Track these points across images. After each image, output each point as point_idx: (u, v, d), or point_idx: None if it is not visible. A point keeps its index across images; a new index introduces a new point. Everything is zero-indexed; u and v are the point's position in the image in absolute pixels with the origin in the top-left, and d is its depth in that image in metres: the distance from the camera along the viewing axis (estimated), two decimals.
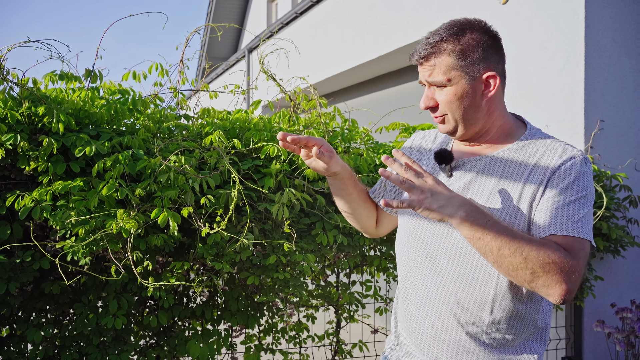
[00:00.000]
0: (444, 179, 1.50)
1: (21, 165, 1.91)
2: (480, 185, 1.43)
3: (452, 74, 1.36)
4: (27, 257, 1.96)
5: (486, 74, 1.37)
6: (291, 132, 2.57)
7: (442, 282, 1.44)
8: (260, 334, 2.66)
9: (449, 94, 1.38)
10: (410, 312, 1.52)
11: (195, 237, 2.17)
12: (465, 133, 1.44)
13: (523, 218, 1.36)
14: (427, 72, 1.39)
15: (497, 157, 1.43)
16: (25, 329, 2.12)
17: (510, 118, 1.49)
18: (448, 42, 1.36)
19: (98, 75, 2.17)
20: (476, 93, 1.38)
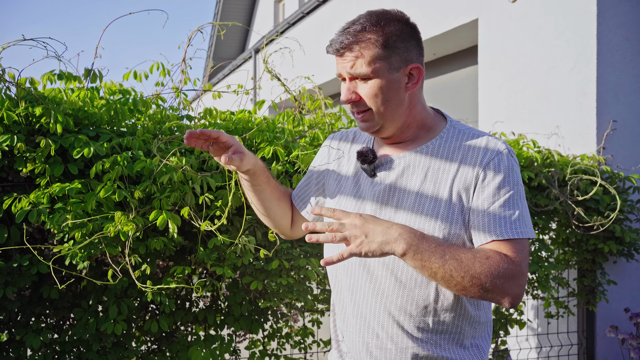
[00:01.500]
0: (368, 180, 1.43)
1: (18, 167, 1.87)
2: (406, 184, 1.37)
3: (377, 66, 1.29)
4: (24, 261, 1.91)
5: (410, 66, 1.32)
6: (296, 133, 2.52)
7: (379, 290, 1.37)
8: (264, 339, 2.60)
9: (373, 86, 1.31)
10: (349, 324, 1.45)
11: (197, 241, 2.11)
12: (388, 129, 1.37)
13: (455, 217, 1.31)
14: (349, 64, 1.31)
15: (421, 154, 1.38)
16: (24, 334, 2.07)
17: (430, 112, 1.44)
18: (371, 32, 1.29)
19: (98, 74, 2.13)
20: (400, 86, 1.33)
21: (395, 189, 1.38)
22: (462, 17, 4.79)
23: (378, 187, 1.40)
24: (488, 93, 4.48)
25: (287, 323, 2.62)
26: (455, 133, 1.39)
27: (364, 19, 1.31)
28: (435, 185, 1.34)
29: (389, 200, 1.38)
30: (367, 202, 1.41)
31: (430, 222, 1.31)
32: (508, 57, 4.24)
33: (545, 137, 3.76)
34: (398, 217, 1.35)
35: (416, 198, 1.34)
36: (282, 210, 1.63)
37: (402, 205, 1.36)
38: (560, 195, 2.93)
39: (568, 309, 3.23)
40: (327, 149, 1.61)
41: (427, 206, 1.33)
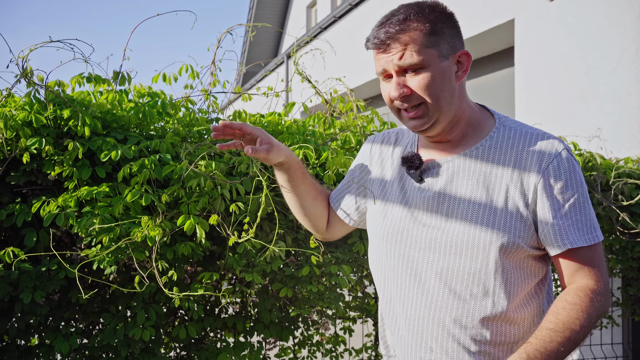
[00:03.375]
0: (415, 185, 1.35)
1: (47, 170, 1.85)
2: (457, 190, 1.29)
3: (427, 54, 1.22)
4: (53, 265, 1.90)
5: (458, 52, 1.26)
6: (327, 135, 2.47)
7: (432, 302, 1.30)
8: (295, 347, 2.54)
9: (425, 77, 1.23)
10: (402, 337, 1.37)
11: (225, 246, 2.07)
12: (440, 124, 1.29)
13: (513, 225, 1.24)
14: (397, 55, 1.22)
15: (470, 157, 1.30)
16: (53, 339, 2.06)
17: (476, 108, 1.36)
18: (416, 21, 1.22)
19: (126, 77, 2.11)
20: (451, 75, 1.26)
21: (445, 195, 1.31)
22: (497, 17, 4.68)
23: (426, 193, 1.33)
24: (525, 95, 4.35)
25: (318, 331, 2.56)
26: (506, 132, 1.31)
27: (404, 9, 1.24)
28: (488, 191, 1.27)
29: (439, 208, 1.31)
30: (416, 209, 1.34)
31: (487, 232, 1.25)
32: (546, 58, 4.11)
33: (586, 140, 3.62)
34: (450, 225, 1.28)
35: (469, 205, 1.28)
36: (318, 209, 1.57)
37: (454, 213, 1.29)
38: (603, 200, 2.81)
39: (612, 320, 3.09)
40: (369, 150, 1.54)
41: (481, 214, 1.26)
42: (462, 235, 1.27)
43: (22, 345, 2.10)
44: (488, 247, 1.24)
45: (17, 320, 2.01)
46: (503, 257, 1.25)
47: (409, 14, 1.23)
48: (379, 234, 1.41)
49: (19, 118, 1.82)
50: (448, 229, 1.28)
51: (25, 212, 1.85)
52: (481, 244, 1.25)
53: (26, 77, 1.77)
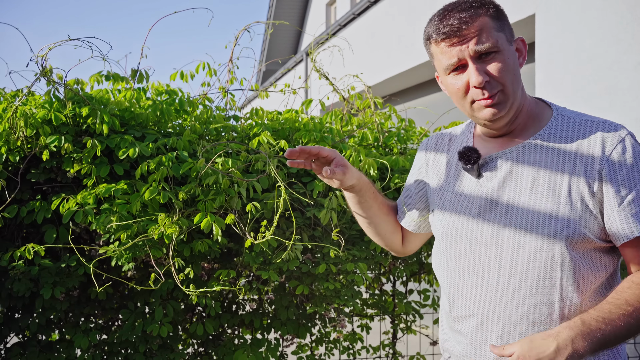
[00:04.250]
0: (473, 181, 1.33)
1: (66, 167, 1.88)
2: (517, 181, 1.26)
3: (499, 37, 1.20)
4: (72, 261, 1.92)
5: (517, 38, 1.26)
6: (344, 132, 2.46)
7: (498, 299, 1.27)
8: (312, 344, 2.55)
9: (501, 60, 1.21)
10: (466, 336, 1.34)
11: (242, 243, 2.08)
12: (511, 112, 1.26)
13: (577, 215, 1.20)
14: (473, 40, 1.19)
15: (530, 147, 1.27)
16: (73, 334, 2.08)
17: (532, 101, 1.34)
18: (482, 6, 1.21)
19: (144, 75, 2.12)
20: (517, 60, 1.25)
21: (505, 188, 1.28)
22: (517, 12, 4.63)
23: (485, 187, 1.31)
24: (546, 91, 4.30)
25: (335, 328, 2.55)
26: (564, 121, 1.28)
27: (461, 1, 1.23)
28: (550, 181, 1.23)
29: (498, 202, 1.28)
30: (475, 205, 1.32)
31: (551, 223, 1.21)
32: (567, 53, 4.05)
33: None
34: (511, 218, 1.26)
35: (530, 197, 1.24)
36: (391, 226, 1.56)
37: (515, 206, 1.26)
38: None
39: None
40: (424, 153, 1.52)
41: (544, 205, 1.22)
42: (524, 227, 1.24)
43: (42, 340, 2.13)
44: (552, 238, 1.21)
45: (37, 315, 2.04)
46: (570, 247, 1.21)
47: (471, 3, 1.21)
48: (439, 233, 1.40)
49: (38, 116, 1.84)
50: (509, 223, 1.26)
51: (45, 209, 1.88)
52: (545, 235, 1.22)
53: (46, 76, 1.79)
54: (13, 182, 1.87)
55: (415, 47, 6.04)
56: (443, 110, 3.44)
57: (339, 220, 2.12)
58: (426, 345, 3.07)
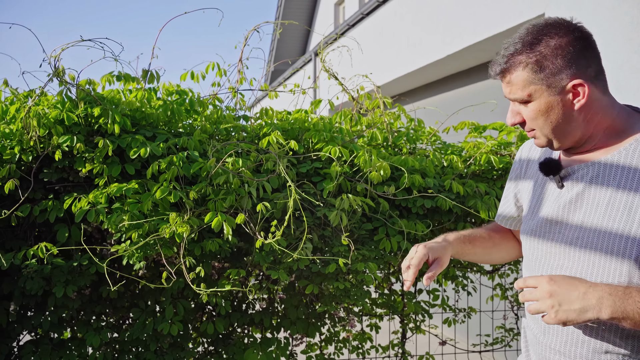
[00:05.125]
0: (555, 189, 1.36)
1: (78, 167, 1.89)
2: (595, 195, 1.27)
3: (532, 89, 1.24)
4: (84, 260, 1.93)
5: (571, 82, 1.22)
6: (354, 132, 2.46)
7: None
8: (321, 344, 2.55)
9: (533, 109, 1.26)
10: (536, 337, 1.40)
11: (252, 242, 2.08)
12: (562, 145, 1.31)
13: None
14: (507, 89, 1.28)
15: (612, 162, 1.26)
16: (85, 333, 2.10)
17: (622, 114, 1.30)
18: (522, 54, 1.23)
19: (155, 75, 2.14)
20: (564, 104, 1.24)
21: (583, 200, 1.29)
22: (527, 12, 4.61)
23: (564, 198, 1.33)
24: None
25: (344, 327, 2.56)
26: None
27: (518, 39, 1.25)
28: (629, 196, 1.22)
29: (575, 213, 1.30)
30: (554, 213, 1.35)
31: (622, 240, 1.21)
32: None
33: None
34: (585, 231, 1.27)
35: (605, 212, 1.24)
36: (504, 251, 1.65)
37: (590, 218, 1.27)
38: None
39: None
40: (519, 160, 1.57)
41: (617, 221, 1.22)
42: (596, 241, 1.25)
43: (55, 338, 2.15)
44: (622, 255, 1.21)
45: (50, 314, 2.06)
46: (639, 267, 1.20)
47: (518, 48, 1.24)
48: (522, 234, 1.46)
49: (51, 116, 1.86)
50: (583, 235, 1.27)
51: (58, 208, 1.89)
52: (614, 251, 1.22)
53: (58, 76, 1.80)
54: (26, 181, 1.89)
55: (424, 46, 6.03)
56: (452, 110, 3.44)
57: (348, 220, 2.12)
58: (435, 345, 3.07)
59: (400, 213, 2.25)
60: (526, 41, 1.23)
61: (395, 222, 2.17)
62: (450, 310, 2.73)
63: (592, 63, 1.25)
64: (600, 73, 1.27)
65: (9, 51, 13.92)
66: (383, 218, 2.18)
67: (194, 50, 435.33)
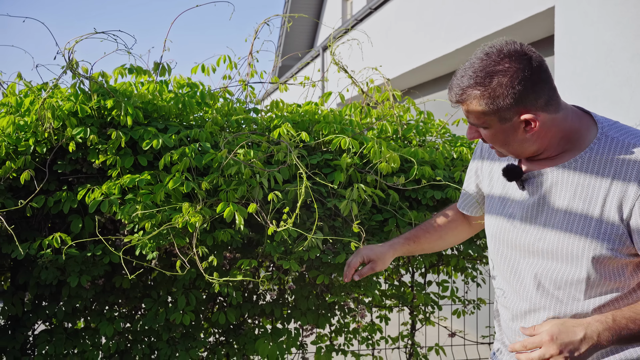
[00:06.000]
0: (517, 192, 1.45)
1: (91, 158, 1.91)
2: (554, 200, 1.35)
3: (485, 119, 1.31)
4: (97, 250, 1.96)
5: (522, 117, 1.28)
6: (363, 124, 2.47)
7: (530, 300, 1.41)
8: (331, 334, 2.57)
9: (488, 134, 1.35)
10: (507, 326, 1.52)
11: (264, 233, 2.10)
12: (520, 157, 1.41)
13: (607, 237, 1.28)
14: (465, 114, 1.36)
15: (569, 169, 1.34)
16: (98, 322, 2.13)
17: (574, 121, 1.36)
18: (475, 89, 1.28)
19: (166, 68, 2.15)
20: (517, 132, 1.32)
21: (544, 205, 1.37)
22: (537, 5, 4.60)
23: (526, 201, 1.41)
24: (566, 84, 4.27)
25: (354, 318, 2.58)
26: (607, 143, 1.31)
27: (471, 72, 1.29)
28: (584, 202, 1.30)
29: (537, 217, 1.39)
30: (516, 215, 1.44)
31: (580, 243, 1.30)
32: (587, 46, 4.02)
33: None
34: (546, 233, 1.36)
35: (564, 216, 1.33)
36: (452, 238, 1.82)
37: (551, 223, 1.36)
38: None
39: None
40: (480, 151, 1.65)
41: (575, 225, 1.31)
42: (556, 243, 1.34)
43: (69, 327, 2.18)
44: (580, 257, 1.30)
45: (64, 303, 2.09)
46: (597, 266, 1.29)
47: (471, 82, 1.28)
48: (487, 233, 1.57)
49: (65, 108, 1.88)
50: (544, 237, 1.36)
51: (72, 200, 1.92)
52: (574, 253, 1.31)
53: (72, 69, 1.82)
54: (41, 172, 1.91)
55: (432, 41, 6.02)
56: None
57: (359, 211, 2.13)
58: (444, 336, 3.08)
59: (410, 204, 2.26)
60: (479, 77, 1.27)
61: (405, 214, 2.18)
62: (460, 302, 2.75)
63: (542, 94, 1.28)
64: (550, 98, 1.29)
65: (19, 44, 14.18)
66: (393, 209, 2.20)
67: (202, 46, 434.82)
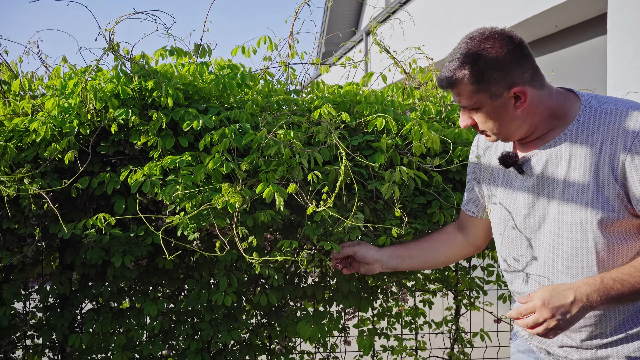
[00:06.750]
0: (517, 176, 1.51)
1: (133, 140, 1.93)
2: (552, 175, 1.42)
3: (477, 98, 1.38)
4: (140, 231, 1.98)
5: (512, 90, 1.36)
6: (406, 105, 2.42)
7: (546, 277, 1.46)
8: (374, 318, 2.55)
9: (481, 115, 1.41)
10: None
11: (304, 215, 2.09)
12: (512, 138, 1.46)
13: (604, 201, 1.34)
14: (456, 98, 1.43)
15: (560, 143, 1.41)
16: (143, 302, 2.16)
17: (560, 99, 1.44)
18: (464, 69, 1.36)
19: (207, 49, 2.15)
20: (508, 108, 1.39)
21: (543, 184, 1.44)
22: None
23: (527, 183, 1.48)
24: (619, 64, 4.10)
25: (397, 302, 2.54)
26: (592, 113, 1.39)
27: (458, 54, 1.37)
28: (579, 172, 1.37)
29: (540, 194, 1.45)
30: (520, 198, 1.50)
31: (582, 210, 1.36)
32: None
33: None
34: (550, 208, 1.42)
35: (563, 188, 1.40)
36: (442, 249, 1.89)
37: (552, 200, 1.43)
38: None
39: None
40: (476, 149, 1.72)
41: (574, 195, 1.37)
42: (560, 217, 1.40)
43: (114, 307, 2.22)
44: (585, 224, 1.36)
45: (109, 283, 2.13)
46: (604, 231, 1.35)
47: (459, 63, 1.36)
48: (493, 222, 1.63)
49: (107, 90, 1.90)
50: (548, 213, 1.43)
51: (115, 181, 1.94)
52: (578, 222, 1.37)
53: (113, 51, 1.84)
54: (84, 154, 1.94)
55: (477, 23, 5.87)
56: None
57: (401, 193, 2.09)
58: (490, 322, 3.01)
59: (453, 186, 2.20)
60: (467, 57, 1.35)
61: (449, 196, 2.13)
62: (506, 287, 2.67)
63: (527, 68, 1.37)
64: (535, 73, 1.39)
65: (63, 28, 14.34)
66: (436, 192, 2.15)
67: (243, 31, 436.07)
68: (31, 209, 1.86)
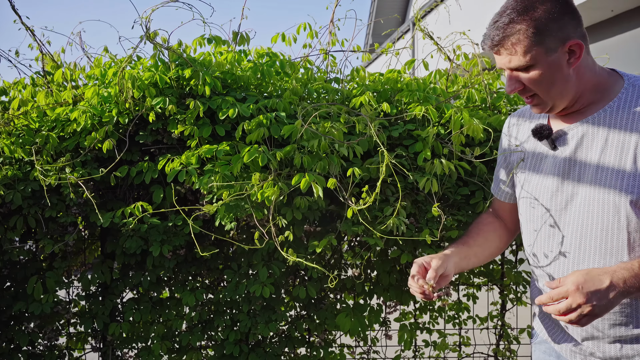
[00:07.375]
0: (549, 153, 1.44)
1: (171, 129, 1.92)
2: (586, 154, 1.36)
3: (532, 54, 1.29)
4: (178, 221, 1.97)
5: (568, 43, 1.29)
6: (449, 93, 2.33)
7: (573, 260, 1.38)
8: (415, 312, 2.48)
9: (535, 74, 1.32)
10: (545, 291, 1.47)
11: (344, 206, 2.04)
12: (559, 106, 1.38)
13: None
14: (506, 59, 1.32)
15: (599, 119, 1.35)
16: (181, 292, 2.16)
17: (604, 73, 1.38)
18: (519, 22, 1.28)
19: (245, 37, 2.12)
20: (561, 64, 1.31)
21: (575, 160, 1.38)
22: None
23: (559, 159, 1.41)
24: None
25: (440, 297, 2.47)
26: (635, 92, 1.33)
27: (510, 9, 1.29)
28: (616, 152, 1.31)
29: (570, 173, 1.39)
30: (550, 174, 1.44)
31: (616, 190, 1.30)
32: None
33: None
34: (580, 190, 1.36)
35: (597, 169, 1.33)
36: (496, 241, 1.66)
37: (583, 177, 1.36)
38: None
39: None
40: (507, 129, 1.63)
41: (608, 177, 1.31)
42: (592, 194, 1.33)
43: (154, 296, 2.23)
44: (618, 204, 1.29)
45: (149, 273, 2.14)
46: (636, 209, 1.28)
47: (512, 16, 1.28)
48: (522, 198, 1.52)
49: (144, 78, 1.89)
50: (579, 191, 1.36)
51: (153, 170, 1.94)
52: (611, 201, 1.30)
53: (150, 39, 1.83)
54: (123, 143, 1.95)
55: None
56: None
57: (443, 184, 2.02)
58: None
59: None
60: (520, 10, 1.27)
61: None
62: None
63: (579, 25, 1.30)
64: (585, 34, 1.31)
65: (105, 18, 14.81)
66: (480, 182, 2.06)
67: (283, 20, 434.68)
68: (71, 197, 1.87)
